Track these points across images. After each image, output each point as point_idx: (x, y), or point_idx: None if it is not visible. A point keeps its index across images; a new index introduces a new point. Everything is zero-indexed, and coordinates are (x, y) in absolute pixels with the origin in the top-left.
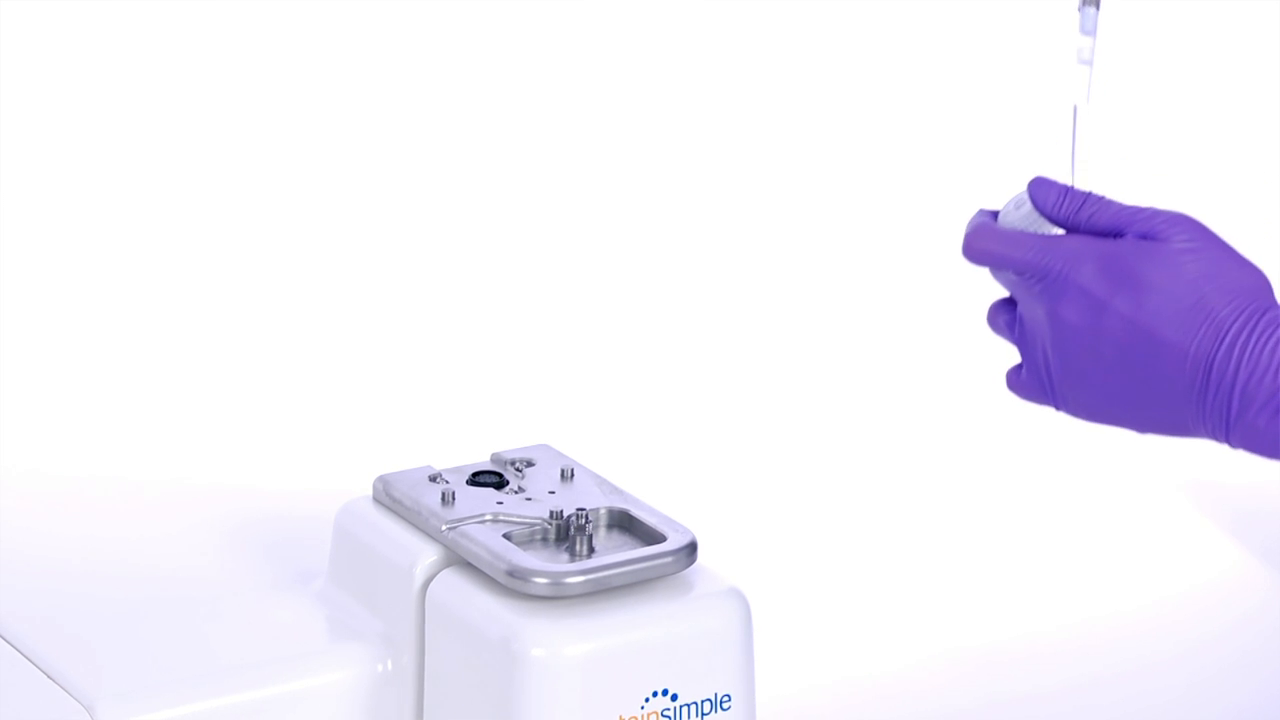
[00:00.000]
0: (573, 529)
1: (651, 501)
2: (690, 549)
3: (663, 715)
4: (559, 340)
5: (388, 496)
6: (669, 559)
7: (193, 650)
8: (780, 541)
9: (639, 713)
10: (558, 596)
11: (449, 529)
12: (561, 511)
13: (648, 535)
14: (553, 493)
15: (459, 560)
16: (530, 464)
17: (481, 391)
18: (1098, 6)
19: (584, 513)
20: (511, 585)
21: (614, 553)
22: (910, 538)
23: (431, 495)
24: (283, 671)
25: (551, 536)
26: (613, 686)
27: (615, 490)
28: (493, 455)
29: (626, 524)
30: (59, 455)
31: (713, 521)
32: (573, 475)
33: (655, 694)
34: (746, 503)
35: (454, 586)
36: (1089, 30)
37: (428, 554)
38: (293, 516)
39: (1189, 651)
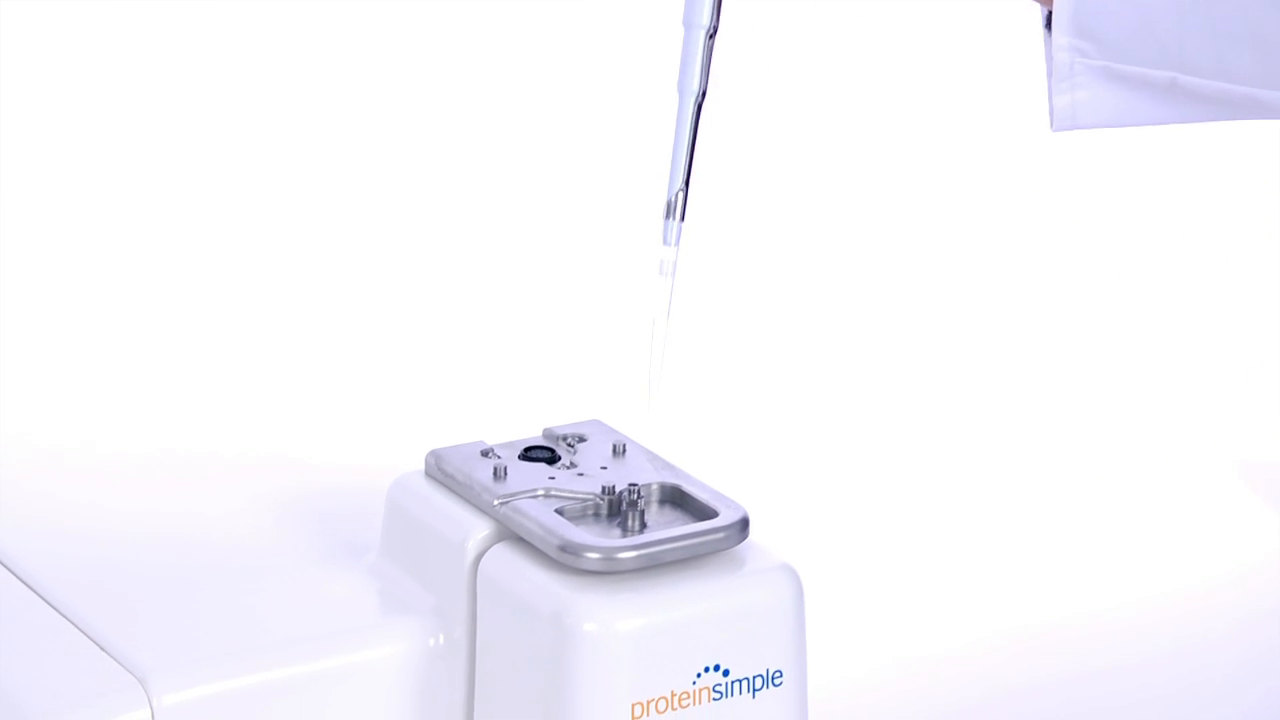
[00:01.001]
0: (625, 504)
1: (703, 477)
2: (742, 525)
3: (714, 691)
4: (611, 316)
5: (440, 471)
6: (721, 535)
7: (245, 623)
8: (833, 519)
9: (690, 688)
10: (610, 571)
11: (501, 504)
12: (614, 487)
13: (700, 511)
14: (605, 468)
15: (511, 535)
16: (582, 439)
17: (533, 367)
18: (682, 218)
19: (636, 488)
20: (564, 560)
21: (666, 528)
22: (963, 516)
23: (484, 470)
24: (335, 645)
25: (604, 511)
26: (664, 661)
27: (667, 466)
28: (545, 430)
29: (678, 499)
30: (113, 429)
31: (765, 498)
32: (625, 451)
33: (707, 669)
34: (799, 480)
35: (506, 561)
36: (671, 242)
37: (480, 528)
38: (345, 491)
39: (1240, 630)
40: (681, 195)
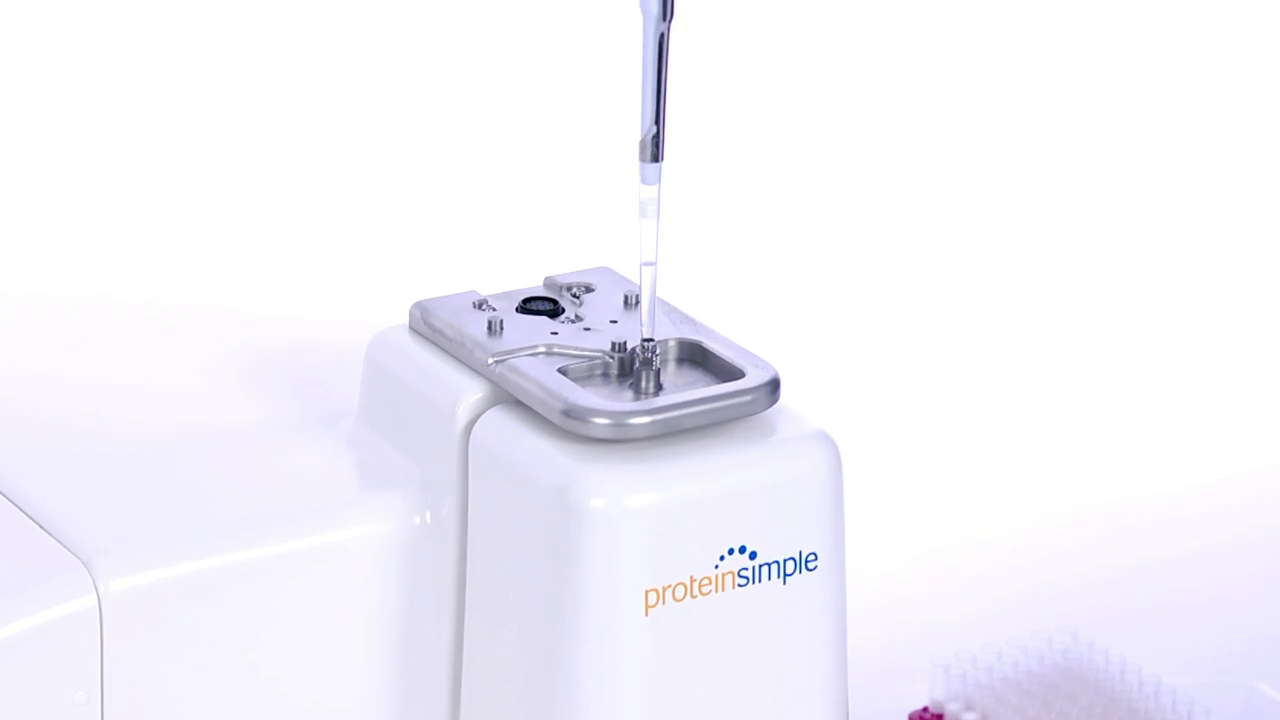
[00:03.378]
0: (638, 363)
1: (728, 333)
2: (772, 386)
3: (739, 576)
4: (619, 152)
5: (426, 325)
6: (748, 398)
7: (204, 500)
8: (875, 378)
9: (712, 573)
10: (620, 439)
11: (496, 362)
12: (625, 343)
13: (723, 371)
14: (615, 322)
15: (507, 398)
16: (589, 289)
17: (533, 206)
18: (657, 159)
19: (651, 344)
20: (567, 426)
21: (685, 390)
22: (1022, 380)
23: (476, 324)
24: (306, 524)
25: (613, 371)
26: (682, 542)
27: (686, 319)
28: (546, 279)
29: (699, 358)
30: (58, 277)
31: (797, 356)
32: (638, 302)
33: (731, 551)
34: (837, 335)
35: (501, 427)
36: (651, 182)
37: (472, 390)
38: (317, 348)
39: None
40: (655, 134)
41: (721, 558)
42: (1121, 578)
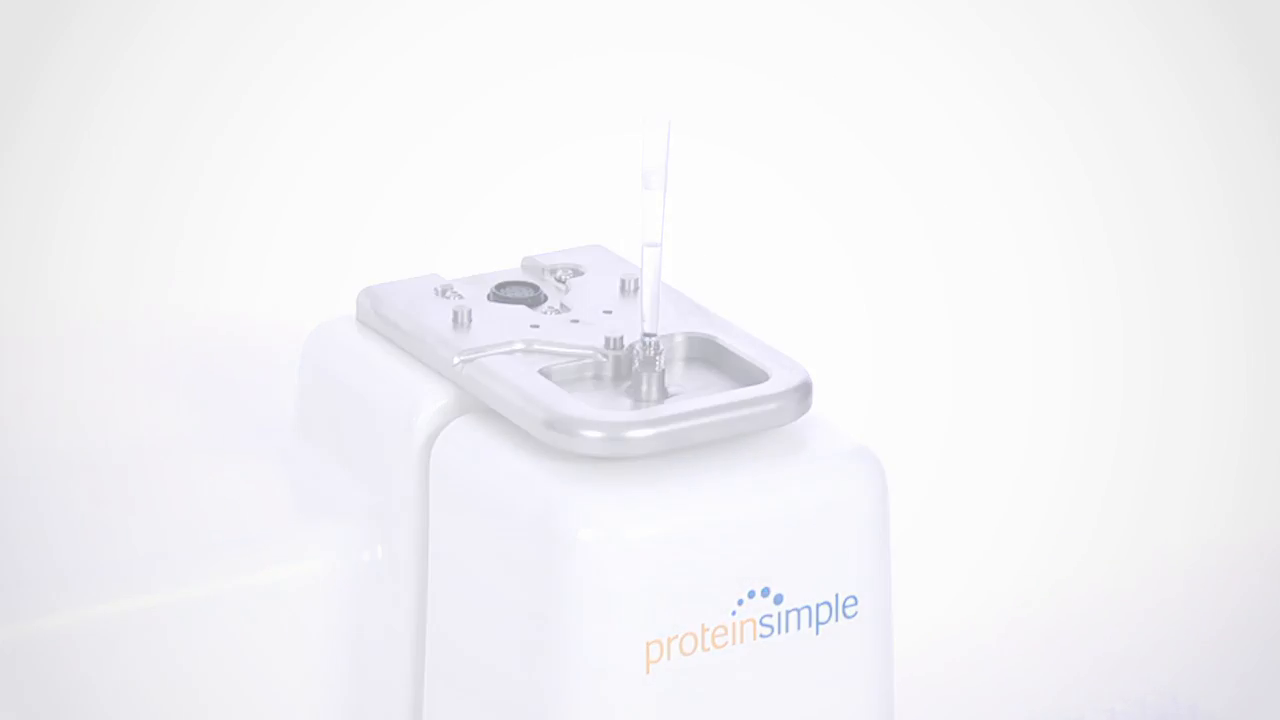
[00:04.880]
0: (637, 362)
1: (748, 327)
2: (802, 392)
3: (762, 624)
4: (617, 108)
5: (378, 316)
6: (772, 405)
7: (103, 533)
8: (927, 385)
9: (729, 619)
10: (616, 456)
11: (463, 362)
12: (621, 338)
13: (742, 372)
14: (609, 313)
15: (477, 405)
16: (578, 273)
17: (508, 175)
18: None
19: (653, 340)
20: (551, 440)
21: (695, 396)
22: (1108, 385)
23: (439, 314)
24: (230, 561)
25: (607, 373)
26: (692, 583)
27: (697, 309)
28: (524, 260)
29: (713, 356)
30: None
31: (832, 355)
32: (638, 288)
33: (752, 595)
34: (878, 329)
35: (470, 441)
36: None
37: (433, 396)
38: (245, 344)
39: None
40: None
41: (740, 602)
42: (1229, 632)
